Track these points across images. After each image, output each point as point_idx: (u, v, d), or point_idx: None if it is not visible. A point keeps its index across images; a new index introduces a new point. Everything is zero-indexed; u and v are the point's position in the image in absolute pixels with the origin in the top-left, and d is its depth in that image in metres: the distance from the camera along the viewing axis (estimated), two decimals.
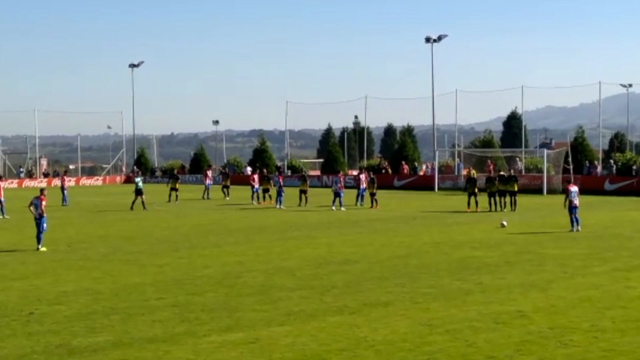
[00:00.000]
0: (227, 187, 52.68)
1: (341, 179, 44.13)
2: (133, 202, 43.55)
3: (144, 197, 43.48)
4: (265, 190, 47.40)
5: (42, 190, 27.15)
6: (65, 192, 48.41)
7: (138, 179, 45.26)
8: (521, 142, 76.44)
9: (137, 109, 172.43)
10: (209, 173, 56.15)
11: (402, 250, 24.72)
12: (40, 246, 25.59)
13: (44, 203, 26.08)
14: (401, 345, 12.76)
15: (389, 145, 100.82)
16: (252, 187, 48.17)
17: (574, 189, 30.42)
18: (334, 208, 42.15)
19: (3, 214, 39.03)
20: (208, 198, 51.99)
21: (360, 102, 78.41)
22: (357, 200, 44.34)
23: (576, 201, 29.90)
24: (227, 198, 51.15)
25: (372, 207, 42.79)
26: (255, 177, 48.94)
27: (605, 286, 18.01)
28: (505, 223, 31.70)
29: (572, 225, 29.68)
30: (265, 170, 54.58)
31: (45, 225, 25.93)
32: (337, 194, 42.69)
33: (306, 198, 44.75)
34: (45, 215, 25.97)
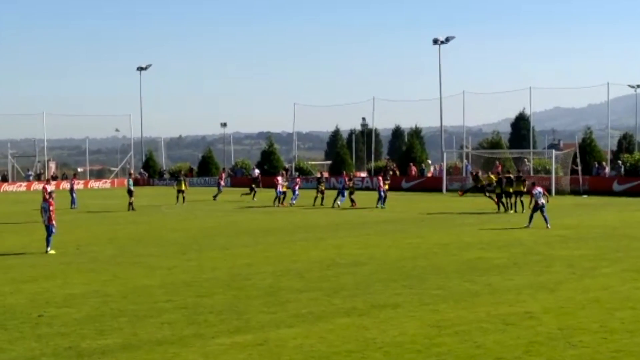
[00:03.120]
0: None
1: (345, 179, 47.45)
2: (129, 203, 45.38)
3: (132, 199, 45.40)
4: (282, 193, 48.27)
5: (50, 193, 27.12)
6: (75, 195, 48.57)
7: (130, 180, 47.43)
8: (529, 143, 76.28)
9: (145, 111, 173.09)
10: (224, 176, 59.31)
11: (411, 252, 24.70)
12: (49, 249, 25.62)
13: (52, 207, 26.06)
14: (410, 347, 12.74)
15: (397, 147, 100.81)
16: (276, 188, 48.15)
17: (538, 190, 31.93)
18: (337, 204, 45.03)
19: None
20: (215, 199, 53.45)
21: (368, 103, 78.45)
22: (377, 203, 44.55)
23: (541, 200, 31.09)
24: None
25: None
26: (279, 179, 48.98)
27: (614, 287, 17.97)
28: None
29: (530, 222, 31.30)
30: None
31: (54, 228, 25.94)
32: (340, 192, 45.75)
33: (322, 198, 46.87)
34: (54, 221, 25.93)
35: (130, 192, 45.36)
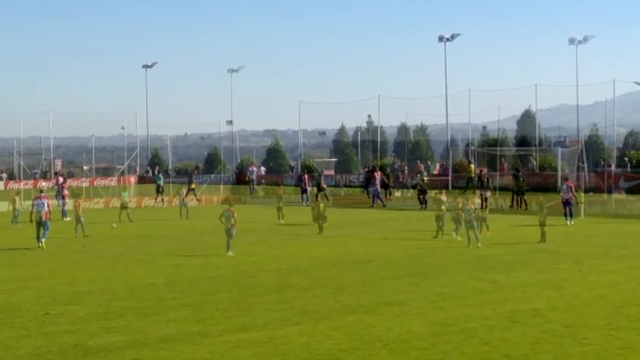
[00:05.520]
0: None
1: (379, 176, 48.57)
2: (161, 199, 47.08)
3: (162, 196, 47.11)
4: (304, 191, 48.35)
5: (41, 191, 27.47)
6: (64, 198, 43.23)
7: (160, 177, 49.31)
8: (535, 140, 76.04)
9: (150, 109, 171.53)
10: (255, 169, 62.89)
11: (416, 249, 24.68)
12: (42, 243, 25.90)
13: (50, 203, 26.45)
14: (416, 344, 12.73)
15: (403, 144, 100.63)
16: (303, 188, 47.86)
17: (565, 184, 32.41)
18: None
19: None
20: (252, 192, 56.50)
21: (374, 101, 77.96)
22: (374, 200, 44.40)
23: (566, 196, 30.89)
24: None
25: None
26: (306, 177, 48.77)
27: (621, 284, 17.93)
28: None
29: (568, 219, 31.13)
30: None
31: (50, 222, 26.34)
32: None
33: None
34: (51, 216, 26.33)
35: (159, 188, 45.90)
